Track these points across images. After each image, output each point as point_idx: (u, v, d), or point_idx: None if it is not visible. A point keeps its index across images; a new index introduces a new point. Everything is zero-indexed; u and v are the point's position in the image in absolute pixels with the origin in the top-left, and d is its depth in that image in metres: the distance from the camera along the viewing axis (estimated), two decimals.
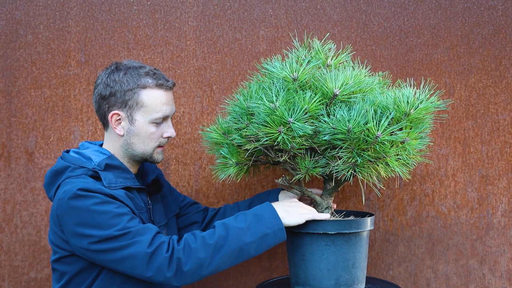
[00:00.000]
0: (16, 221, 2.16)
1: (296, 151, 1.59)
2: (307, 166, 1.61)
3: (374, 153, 1.53)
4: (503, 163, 2.18)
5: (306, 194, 1.73)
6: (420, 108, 1.53)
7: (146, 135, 1.67)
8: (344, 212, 1.82)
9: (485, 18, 2.19)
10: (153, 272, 1.48)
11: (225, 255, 1.51)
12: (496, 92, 2.18)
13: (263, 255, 2.20)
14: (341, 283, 1.65)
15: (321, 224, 1.64)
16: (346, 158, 1.55)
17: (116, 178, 1.62)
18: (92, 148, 1.71)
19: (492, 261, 2.18)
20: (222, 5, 2.20)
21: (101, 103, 1.68)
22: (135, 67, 1.67)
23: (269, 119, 1.51)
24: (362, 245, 1.69)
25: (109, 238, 1.49)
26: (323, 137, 1.54)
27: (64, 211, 1.53)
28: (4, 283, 2.15)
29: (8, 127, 2.17)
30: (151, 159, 1.71)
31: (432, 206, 2.19)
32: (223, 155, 1.71)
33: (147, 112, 1.65)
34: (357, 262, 1.67)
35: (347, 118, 1.50)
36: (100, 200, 1.51)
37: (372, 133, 1.49)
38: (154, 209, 1.77)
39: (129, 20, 2.19)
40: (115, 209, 1.51)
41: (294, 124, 1.49)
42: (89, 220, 1.50)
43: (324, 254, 1.64)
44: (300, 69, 1.57)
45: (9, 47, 2.17)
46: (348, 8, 2.20)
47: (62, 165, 1.65)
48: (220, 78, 2.19)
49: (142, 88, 1.64)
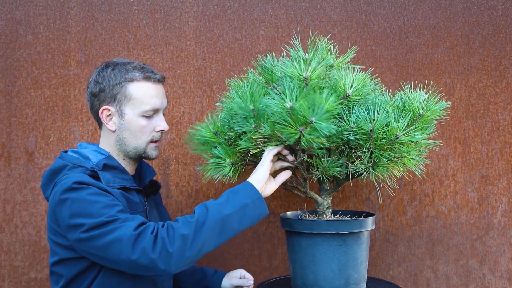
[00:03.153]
0: (16, 221, 2.16)
1: (316, 151, 1.58)
2: (324, 166, 1.62)
3: (394, 153, 1.57)
4: (503, 163, 2.18)
5: (309, 195, 1.73)
6: (432, 110, 1.59)
7: (137, 128, 1.67)
8: (340, 211, 1.82)
9: (485, 18, 2.19)
10: (138, 254, 1.46)
11: (207, 229, 1.49)
12: (496, 92, 2.18)
13: (263, 255, 2.20)
14: (351, 282, 1.66)
15: (334, 224, 1.64)
16: (366, 158, 1.57)
17: (114, 178, 1.63)
18: (90, 148, 1.71)
19: (492, 261, 2.18)
20: (222, 5, 2.20)
21: (93, 101, 1.69)
22: (123, 63, 1.68)
23: (289, 118, 1.48)
24: (367, 244, 1.71)
25: (99, 225, 1.48)
26: (346, 136, 1.56)
27: (59, 204, 1.53)
28: (4, 283, 2.15)
29: (8, 127, 2.17)
30: (144, 154, 1.71)
31: (432, 206, 2.19)
32: (216, 155, 1.70)
33: (136, 105, 1.65)
34: (364, 261, 1.70)
35: (369, 119, 1.53)
36: (94, 191, 1.52)
37: (393, 133, 1.53)
38: (150, 212, 1.76)
39: (129, 20, 2.19)
40: (108, 201, 1.52)
41: (318, 124, 1.46)
42: (82, 209, 1.50)
43: (336, 254, 1.64)
44: (308, 68, 1.57)
45: (9, 47, 2.17)
46: (348, 8, 2.20)
47: (60, 164, 1.65)
48: (220, 78, 2.19)
49: (130, 82, 1.65)
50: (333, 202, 2.17)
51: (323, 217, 1.73)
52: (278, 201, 2.19)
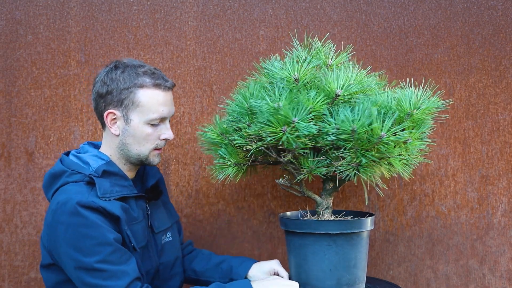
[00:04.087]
0: (16, 221, 2.16)
1: (300, 151, 1.58)
2: (310, 166, 1.61)
3: (377, 153, 1.53)
4: (503, 163, 2.18)
5: (307, 194, 1.73)
6: (422, 109, 1.53)
7: (142, 136, 1.62)
8: (344, 212, 1.83)
9: (485, 18, 2.19)
10: None
11: None
12: (496, 92, 2.18)
13: (263, 255, 2.20)
14: (343, 283, 1.65)
15: (324, 224, 1.63)
16: (350, 158, 1.55)
17: (112, 187, 1.58)
18: (91, 152, 1.67)
19: (492, 261, 2.18)
20: (222, 5, 2.20)
21: (99, 101, 1.64)
22: (134, 65, 1.63)
23: (273, 118, 1.50)
24: (363, 245, 1.69)
25: (86, 268, 1.46)
26: (327, 137, 1.54)
27: (55, 224, 1.52)
28: (4, 283, 2.15)
29: (8, 127, 2.17)
30: (146, 161, 1.67)
31: (432, 206, 2.19)
32: (221, 156, 1.71)
33: (143, 112, 1.60)
34: (358, 262, 1.68)
35: (351, 119, 1.50)
36: (89, 222, 1.49)
37: (376, 134, 1.49)
38: (154, 214, 1.74)
39: (129, 20, 2.19)
40: (102, 236, 1.48)
41: (299, 123, 1.48)
42: (74, 240, 1.48)
43: (326, 254, 1.64)
44: (301, 69, 1.57)
45: (9, 47, 2.17)
46: (348, 8, 2.20)
47: (59, 169, 1.62)
48: (220, 78, 2.19)
49: (139, 87, 1.59)
50: (333, 202, 2.17)
51: (320, 217, 1.73)
52: (278, 201, 2.19)
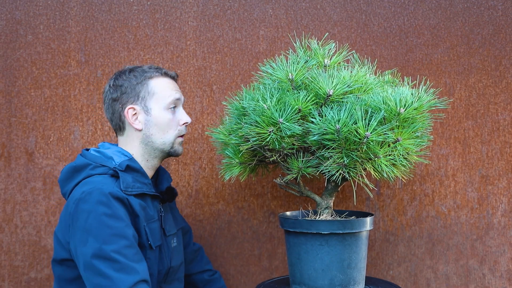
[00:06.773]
0: (16, 221, 2.16)
1: (288, 151, 1.59)
2: (299, 166, 1.62)
3: (363, 154, 1.52)
4: (503, 163, 2.18)
5: (305, 194, 1.73)
6: (411, 108, 1.49)
7: (164, 122, 1.70)
8: (347, 212, 1.82)
9: (485, 18, 2.19)
10: None
11: None
12: (496, 92, 2.18)
13: (263, 255, 2.20)
14: (336, 284, 1.64)
15: (315, 224, 1.63)
16: (335, 158, 1.55)
17: (134, 182, 1.63)
18: (113, 148, 1.72)
19: (492, 261, 2.18)
20: (222, 5, 2.20)
21: (114, 106, 1.71)
22: (136, 66, 1.75)
23: (259, 119, 1.52)
24: (358, 246, 1.67)
25: (102, 256, 1.47)
26: (312, 137, 1.54)
27: (77, 213, 1.52)
28: (4, 283, 2.15)
29: (8, 127, 2.17)
30: (172, 149, 1.73)
31: (432, 206, 2.19)
32: (228, 155, 1.73)
33: (160, 99, 1.70)
34: (353, 263, 1.66)
35: (336, 118, 1.49)
36: (113, 212, 1.51)
37: (361, 134, 1.48)
38: (166, 218, 1.76)
39: (129, 20, 2.19)
40: (121, 228, 1.51)
41: (283, 124, 1.50)
42: (94, 228, 1.49)
43: (318, 254, 1.64)
44: (296, 70, 1.58)
45: (9, 47, 2.17)
46: (348, 8, 2.20)
47: (82, 162, 1.64)
48: (220, 78, 2.19)
49: (149, 79, 1.71)
50: (334, 202, 2.17)
51: (318, 216, 1.73)
52: (278, 201, 2.19)
